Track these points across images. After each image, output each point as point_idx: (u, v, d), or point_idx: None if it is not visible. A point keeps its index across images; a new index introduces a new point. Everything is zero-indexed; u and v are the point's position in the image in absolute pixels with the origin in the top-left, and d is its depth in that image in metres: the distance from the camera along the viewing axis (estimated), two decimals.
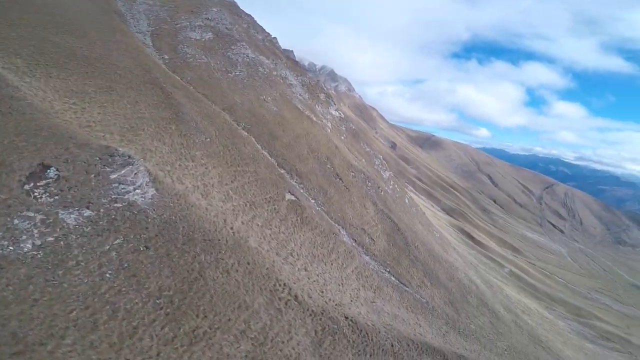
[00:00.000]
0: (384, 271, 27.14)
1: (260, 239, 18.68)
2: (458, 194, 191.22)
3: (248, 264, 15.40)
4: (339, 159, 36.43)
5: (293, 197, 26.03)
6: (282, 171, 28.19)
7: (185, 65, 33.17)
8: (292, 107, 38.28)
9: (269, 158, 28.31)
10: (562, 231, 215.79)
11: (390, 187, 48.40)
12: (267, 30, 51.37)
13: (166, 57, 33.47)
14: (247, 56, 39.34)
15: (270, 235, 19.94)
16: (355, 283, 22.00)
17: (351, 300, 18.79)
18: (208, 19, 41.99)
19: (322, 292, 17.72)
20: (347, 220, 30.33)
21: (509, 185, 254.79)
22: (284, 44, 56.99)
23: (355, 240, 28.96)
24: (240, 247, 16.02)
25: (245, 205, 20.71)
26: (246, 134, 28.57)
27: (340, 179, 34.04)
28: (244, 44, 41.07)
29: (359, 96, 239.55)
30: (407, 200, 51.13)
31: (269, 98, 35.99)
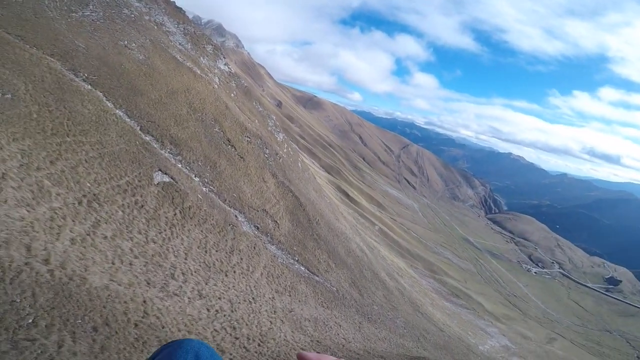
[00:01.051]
0: (293, 262, 24.11)
1: (114, 266, 11.20)
2: (335, 152, 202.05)
3: (95, 330, 8.10)
4: (229, 121, 30.46)
5: (167, 178, 19.05)
6: (148, 138, 20.79)
7: None
8: (168, 57, 29.75)
9: (127, 121, 20.12)
10: (414, 187, 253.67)
11: (285, 150, 44.92)
12: None
13: None
14: None
15: (131, 251, 12.85)
16: (268, 290, 18.32)
17: (271, 323, 15.10)
18: None
19: (234, 329, 13.26)
20: (245, 201, 25.67)
21: (375, 144, 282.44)
22: None
23: (258, 228, 24.82)
24: (72, 299, 8.45)
25: (80, 203, 12.64)
26: (89, 87, 19.88)
27: (232, 145, 28.47)
28: None
29: (247, 53, 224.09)
30: (300, 165, 48.70)
31: (133, 45, 26.68)
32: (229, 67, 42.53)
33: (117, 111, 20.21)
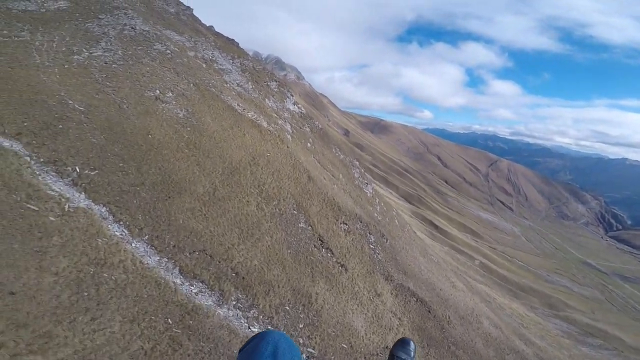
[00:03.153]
0: None
1: None
2: (413, 177, 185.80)
3: None
4: (317, 201, 19.44)
5: None
6: (196, 288, 10.16)
7: None
8: (222, 106, 20.23)
9: (152, 265, 9.82)
10: (511, 208, 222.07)
11: (378, 209, 32.81)
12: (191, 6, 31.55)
13: None
14: (132, 28, 20.17)
15: None
16: None
17: None
18: None
19: None
20: (358, 347, 14.05)
21: (457, 164, 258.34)
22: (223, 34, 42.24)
23: None
24: None
25: None
26: (82, 197, 9.95)
27: (327, 248, 17.20)
28: (130, 12, 21.69)
29: (309, 84, 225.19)
30: (397, 222, 36.08)
31: (169, 94, 17.53)
32: (299, 107, 32.45)
33: (134, 245, 10.14)
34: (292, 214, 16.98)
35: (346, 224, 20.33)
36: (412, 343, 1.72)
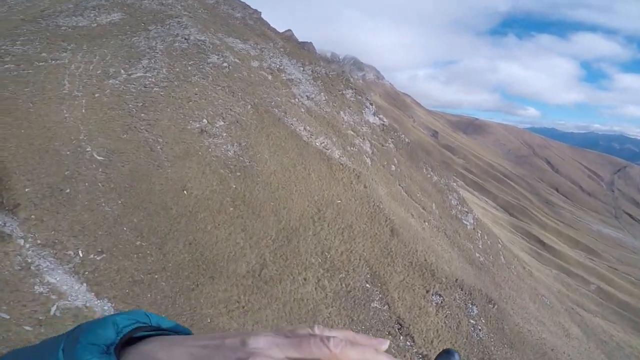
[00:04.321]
0: None
1: None
2: (515, 184, 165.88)
3: None
4: (401, 267, 14.89)
5: None
6: None
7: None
8: (284, 134, 16.67)
9: None
10: None
11: (480, 244, 26.81)
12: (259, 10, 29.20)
13: None
14: (185, 39, 17.70)
15: None
16: None
17: None
18: None
19: None
20: None
21: (571, 169, 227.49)
22: (299, 37, 41.19)
23: None
24: None
25: None
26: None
27: (407, 335, 12.82)
28: (184, 20, 19.28)
29: (389, 84, 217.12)
30: (503, 258, 29.50)
31: (219, 123, 14.48)
32: (380, 118, 27.70)
33: None
34: (363, 290, 12.81)
35: (440, 296, 15.45)
36: (456, 355, 1.47)
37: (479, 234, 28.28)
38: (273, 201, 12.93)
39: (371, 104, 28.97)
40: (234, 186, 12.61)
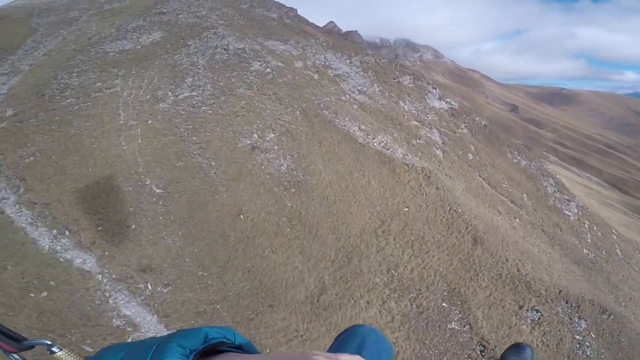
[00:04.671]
0: None
1: None
2: (623, 155, 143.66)
3: None
4: (487, 280, 13.63)
5: None
6: None
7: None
8: (337, 137, 16.20)
9: None
10: None
11: (589, 238, 23.55)
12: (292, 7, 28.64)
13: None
14: (225, 50, 17.69)
15: None
16: None
17: None
18: (162, 12, 21.22)
19: None
20: None
21: None
22: (343, 28, 40.90)
23: None
24: None
25: None
26: None
27: None
28: (220, 30, 19.18)
29: (451, 61, 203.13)
30: (619, 251, 25.54)
31: (270, 134, 14.48)
32: (447, 102, 25.77)
33: None
34: (438, 311, 12.06)
35: (537, 311, 14.08)
36: (528, 349, 1.50)
37: (586, 226, 24.49)
38: (330, 217, 12.59)
39: (434, 88, 27.02)
40: (290, 204, 12.46)
